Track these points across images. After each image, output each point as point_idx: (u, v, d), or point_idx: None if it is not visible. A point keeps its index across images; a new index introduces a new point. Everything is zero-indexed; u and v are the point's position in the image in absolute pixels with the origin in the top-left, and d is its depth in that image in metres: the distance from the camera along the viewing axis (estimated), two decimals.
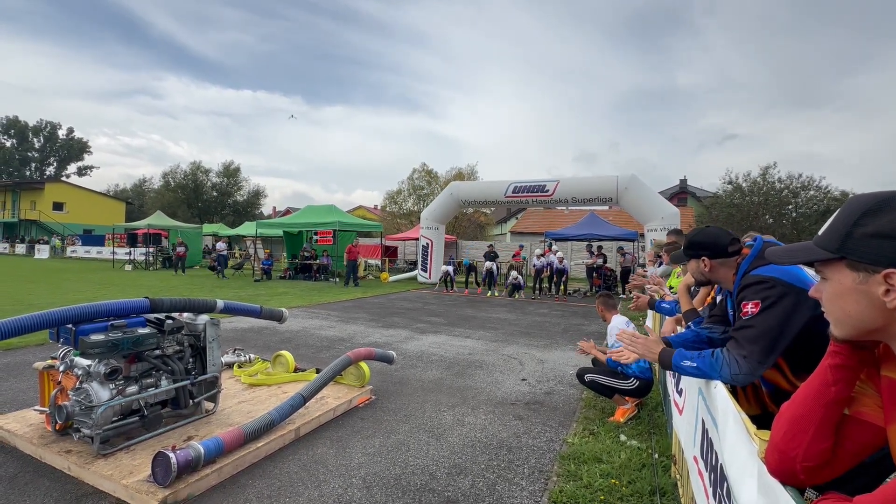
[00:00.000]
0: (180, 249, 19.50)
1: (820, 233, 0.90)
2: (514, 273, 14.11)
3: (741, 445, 1.25)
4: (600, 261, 15.55)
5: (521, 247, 19.24)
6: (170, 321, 3.41)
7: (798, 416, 0.94)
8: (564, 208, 29.13)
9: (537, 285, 14.60)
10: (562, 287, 14.52)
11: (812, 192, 23.92)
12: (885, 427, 0.88)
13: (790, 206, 24.21)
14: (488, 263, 14.76)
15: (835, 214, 0.88)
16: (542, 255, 14.80)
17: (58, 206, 41.01)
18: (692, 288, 2.76)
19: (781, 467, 0.94)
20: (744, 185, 24.96)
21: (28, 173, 55.36)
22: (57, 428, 3.12)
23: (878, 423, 0.89)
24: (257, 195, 47.83)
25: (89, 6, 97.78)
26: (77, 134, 59.46)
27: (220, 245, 19.65)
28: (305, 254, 18.61)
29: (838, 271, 0.85)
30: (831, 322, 0.91)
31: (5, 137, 55.74)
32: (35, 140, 57.39)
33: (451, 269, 15.08)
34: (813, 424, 0.92)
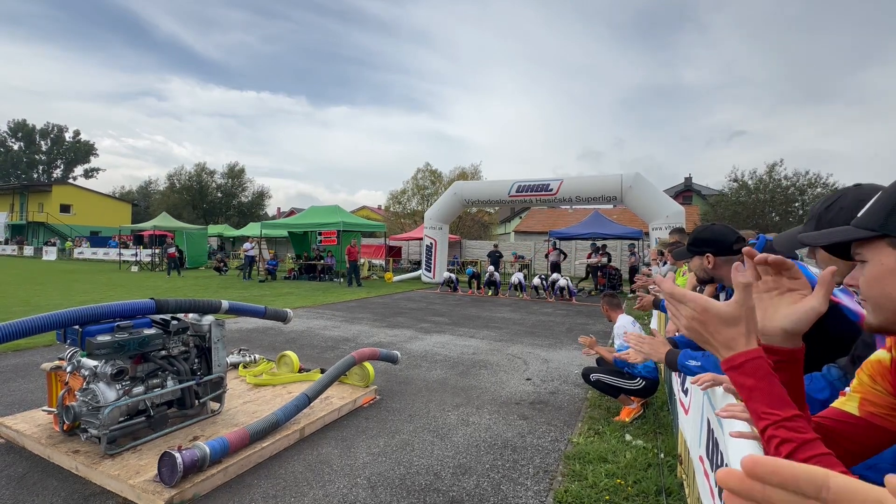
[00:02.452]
0: (171, 251, 19.30)
1: (860, 214, 0.85)
2: (515, 276, 14.05)
3: (748, 445, 1.24)
4: (605, 259, 15.46)
5: (523, 257, 19.33)
6: (175, 322, 3.44)
7: None
8: (569, 207, 29.07)
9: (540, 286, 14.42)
10: (563, 289, 13.26)
11: (819, 190, 23.67)
12: None
13: (797, 204, 23.99)
14: (490, 268, 14.66)
15: (876, 196, 0.84)
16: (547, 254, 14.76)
17: (65, 209, 41.37)
18: (697, 287, 2.74)
19: None
20: (749, 182, 24.78)
21: (35, 176, 55.90)
22: (65, 428, 3.15)
23: (889, 426, 0.87)
24: (261, 196, 48.13)
25: (96, 10, 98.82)
26: (83, 136, 60.13)
27: (247, 245, 18.46)
28: (321, 253, 18.55)
29: (879, 251, 0.81)
30: (869, 308, 0.86)
31: (13, 140, 56.32)
32: (42, 143, 57.96)
33: (452, 275, 15.14)
34: None
